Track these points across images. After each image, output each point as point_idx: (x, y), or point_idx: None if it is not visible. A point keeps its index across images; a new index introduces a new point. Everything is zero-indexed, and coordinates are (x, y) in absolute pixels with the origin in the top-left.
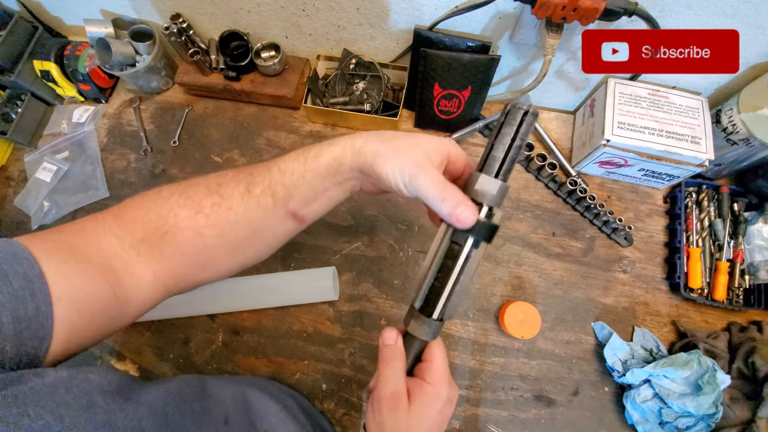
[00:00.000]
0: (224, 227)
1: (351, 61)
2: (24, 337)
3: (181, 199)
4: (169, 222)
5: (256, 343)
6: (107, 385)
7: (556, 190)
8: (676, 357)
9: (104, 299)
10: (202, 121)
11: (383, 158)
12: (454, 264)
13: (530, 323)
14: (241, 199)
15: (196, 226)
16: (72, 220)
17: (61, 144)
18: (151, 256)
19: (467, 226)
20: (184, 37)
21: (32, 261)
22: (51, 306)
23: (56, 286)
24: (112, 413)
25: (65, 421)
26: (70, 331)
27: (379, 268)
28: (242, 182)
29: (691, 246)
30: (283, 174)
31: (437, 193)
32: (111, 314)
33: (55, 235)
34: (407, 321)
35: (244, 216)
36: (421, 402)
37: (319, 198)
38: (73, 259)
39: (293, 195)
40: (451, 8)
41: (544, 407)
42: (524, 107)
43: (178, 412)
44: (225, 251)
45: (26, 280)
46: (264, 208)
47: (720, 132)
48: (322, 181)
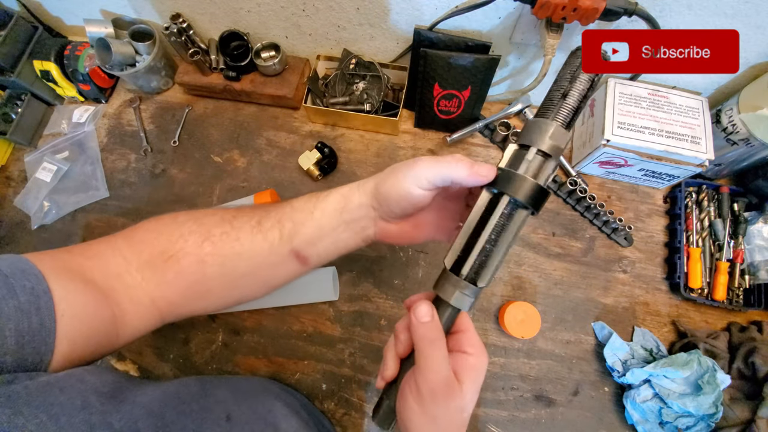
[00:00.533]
0: (227, 257)
1: (351, 61)
2: (26, 351)
3: (195, 225)
4: (176, 247)
5: (256, 343)
6: (102, 386)
7: (556, 190)
8: (676, 357)
9: (104, 319)
10: (202, 121)
11: (385, 180)
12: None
13: (530, 323)
14: (250, 231)
15: (200, 253)
16: (72, 220)
17: (61, 144)
18: (152, 280)
19: (491, 177)
20: (184, 37)
21: (40, 277)
22: (55, 321)
23: (61, 302)
24: (108, 414)
25: (60, 421)
26: (71, 347)
27: (379, 268)
28: (256, 216)
29: (691, 246)
30: (293, 210)
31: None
32: (108, 335)
33: (65, 255)
34: (442, 287)
35: (249, 248)
36: (469, 379)
37: (325, 239)
38: (79, 279)
39: (299, 231)
40: (451, 8)
41: (544, 407)
42: None
43: (176, 412)
44: (223, 282)
45: (33, 295)
46: (270, 243)
47: (720, 132)
48: (329, 220)
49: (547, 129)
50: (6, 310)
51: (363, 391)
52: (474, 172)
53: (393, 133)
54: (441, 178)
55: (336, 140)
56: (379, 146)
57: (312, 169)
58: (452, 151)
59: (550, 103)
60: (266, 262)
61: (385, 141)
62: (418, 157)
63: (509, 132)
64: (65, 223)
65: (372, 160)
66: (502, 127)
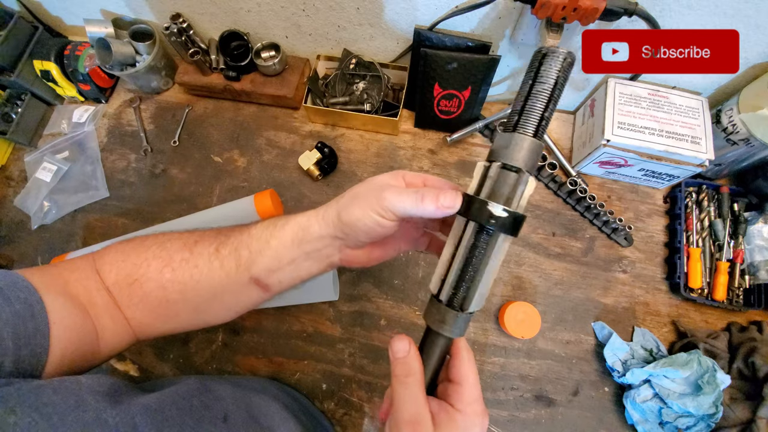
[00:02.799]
0: (187, 284)
1: (351, 61)
2: (23, 354)
3: (158, 250)
4: (140, 271)
5: (256, 343)
6: (99, 386)
7: (556, 190)
8: (676, 357)
9: (89, 332)
10: (202, 121)
11: (347, 209)
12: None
13: (530, 323)
14: (208, 258)
15: (161, 279)
16: (72, 220)
17: (61, 144)
18: (121, 300)
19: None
20: (184, 37)
21: (32, 289)
22: (49, 327)
23: (53, 312)
24: (102, 411)
25: (53, 419)
26: (62, 354)
27: (379, 268)
28: (215, 241)
29: (691, 246)
30: (251, 238)
31: (413, 197)
32: (92, 347)
33: (51, 269)
34: (428, 315)
35: (207, 276)
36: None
37: (285, 268)
38: (65, 292)
39: (256, 261)
40: (451, 8)
41: (544, 407)
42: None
43: (174, 408)
44: (186, 308)
45: (27, 304)
46: (226, 271)
47: (720, 132)
48: (287, 251)
49: (512, 142)
50: (3, 315)
51: (363, 391)
52: (440, 206)
53: (393, 133)
54: (408, 213)
55: (336, 140)
56: (379, 146)
57: (312, 169)
58: (452, 152)
59: (513, 112)
60: (226, 289)
61: (385, 141)
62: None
63: None
64: (65, 223)
65: (372, 160)
66: (502, 127)
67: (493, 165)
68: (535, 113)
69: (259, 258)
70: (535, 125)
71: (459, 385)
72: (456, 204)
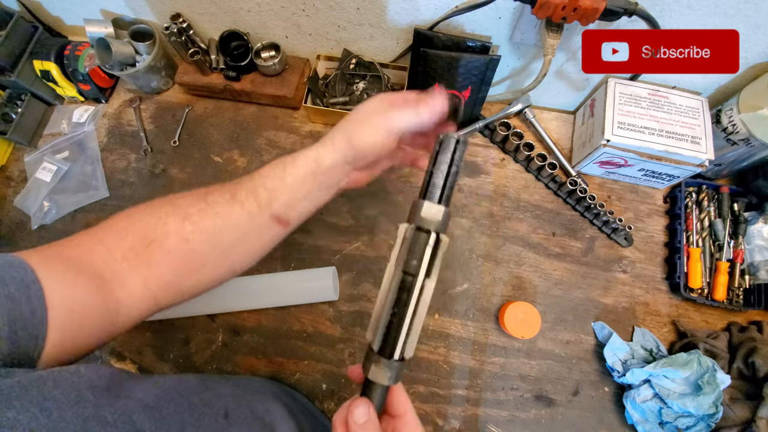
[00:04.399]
0: (210, 232)
1: (351, 61)
2: (19, 337)
3: (170, 208)
4: (157, 230)
5: (256, 343)
6: (98, 380)
7: (556, 190)
8: (676, 357)
9: (95, 306)
10: (202, 121)
11: (359, 134)
12: (409, 297)
13: (530, 323)
14: (226, 204)
15: (182, 232)
16: (72, 220)
17: (61, 144)
18: (139, 264)
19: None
20: (184, 37)
21: (28, 269)
22: (46, 309)
23: (51, 292)
24: (101, 407)
25: (53, 415)
26: (63, 336)
27: (379, 268)
28: (228, 191)
29: (691, 246)
30: (264, 179)
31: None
32: (102, 322)
33: (52, 248)
34: (367, 366)
35: (229, 220)
36: None
37: (303, 200)
38: (66, 268)
39: (276, 198)
40: (451, 8)
41: (544, 407)
42: (455, 136)
43: (173, 404)
44: (213, 256)
45: (23, 285)
46: (248, 212)
47: (720, 132)
48: (303, 185)
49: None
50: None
51: None
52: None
53: None
54: (410, 127)
55: None
56: None
57: None
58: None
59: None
60: (249, 230)
61: None
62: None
63: (509, 132)
64: (65, 223)
65: None
66: (502, 127)
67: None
68: (438, 185)
69: (277, 195)
70: (438, 195)
71: (403, 417)
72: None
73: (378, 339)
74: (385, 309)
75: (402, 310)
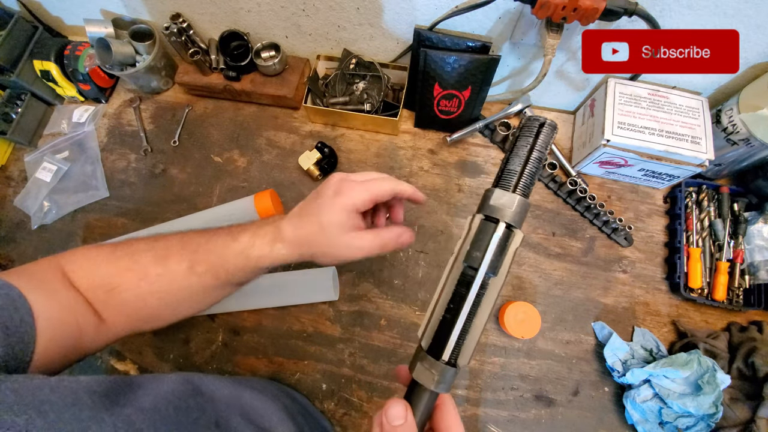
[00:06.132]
0: (166, 293)
1: (351, 61)
2: (12, 341)
3: (130, 263)
4: (114, 282)
5: (256, 343)
6: (97, 386)
7: (556, 190)
8: (676, 357)
9: (70, 325)
10: (202, 121)
11: (319, 258)
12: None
13: (530, 323)
14: (184, 275)
15: (138, 290)
16: (72, 220)
17: (61, 144)
18: (97, 305)
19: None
20: (184, 37)
21: (10, 285)
22: (33, 318)
23: (35, 304)
24: (99, 410)
25: (49, 417)
26: (47, 347)
27: (379, 268)
28: (186, 257)
29: (691, 246)
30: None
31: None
32: (74, 341)
33: (23, 270)
34: (413, 365)
35: (186, 288)
36: None
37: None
38: (44, 286)
39: (237, 276)
40: (451, 8)
41: (544, 407)
42: (540, 119)
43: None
44: (165, 311)
45: (9, 298)
46: (204, 286)
47: (720, 132)
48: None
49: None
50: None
51: (363, 391)
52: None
53: (393, 133)
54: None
55: (336, 140)
56: (379, 146)
57: (312, 169)
58: (452, 152)
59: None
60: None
61: (385, 141)
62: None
63: (509, 132)
64: (65, 223)
65: (372, 160)
66: (502, 127)
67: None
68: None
69: (240, 273)
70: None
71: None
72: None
73: (428, 335)
74: (440, 303)
75: (458, 306)
